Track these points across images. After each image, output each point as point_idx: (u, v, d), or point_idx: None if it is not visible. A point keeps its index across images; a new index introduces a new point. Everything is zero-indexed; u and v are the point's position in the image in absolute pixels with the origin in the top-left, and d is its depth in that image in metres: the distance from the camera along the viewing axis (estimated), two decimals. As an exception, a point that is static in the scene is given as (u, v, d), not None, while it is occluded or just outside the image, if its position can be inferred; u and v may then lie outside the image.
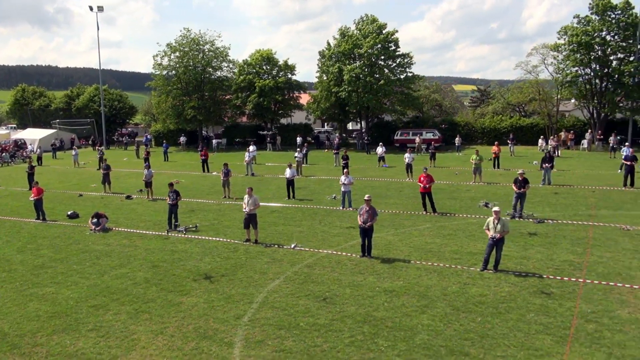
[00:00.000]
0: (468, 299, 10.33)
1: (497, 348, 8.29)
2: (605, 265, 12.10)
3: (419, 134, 42.41)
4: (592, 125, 40.66)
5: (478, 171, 25.14)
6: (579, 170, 28.64)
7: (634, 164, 22.19)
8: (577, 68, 39.28)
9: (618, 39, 38.85)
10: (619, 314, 9.41)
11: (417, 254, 13.58)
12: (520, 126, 43.93)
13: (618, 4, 38.48)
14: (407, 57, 46.41)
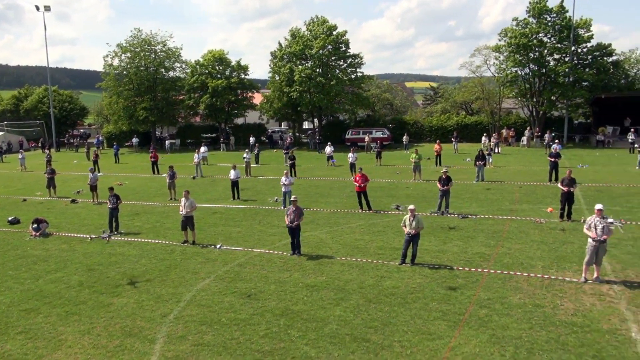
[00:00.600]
0: (381, 291, 11.23)
1: (396, 334, 9.18)
2: (511, 256, 13.25)
3: (368, 132, 43.57)
4: (531, 122, 42.77)
5: (417, 169, 26.31)
6: (514, 167, 30.30)
7: (557, 160, 23.77)
8: (517, 68, 41.22)
9: (554, 40, 41.01)
10: (510, 299, 10.48)
11: (345, 250, 14.44)
12: (465, 124, 45.72)
13: (553, 7, 40.59)
14: (357, 58, 47.53)
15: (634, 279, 11.31)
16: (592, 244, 11.10)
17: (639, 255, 12.84)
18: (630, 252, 13.18)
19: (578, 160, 32.10)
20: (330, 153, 34.47)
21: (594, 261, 11.23)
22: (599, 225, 11.10)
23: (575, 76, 39.60)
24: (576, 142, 42.17)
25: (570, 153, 36.07)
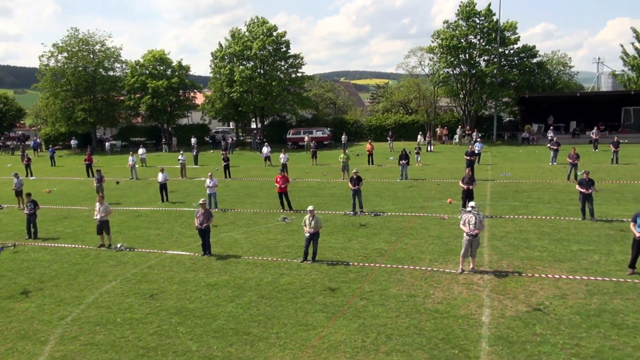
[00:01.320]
0: (276, 287, 12.00)
1: (276, 326, 9.97)
2: (405, 251, 14.31)
3: (308, 132, 44.45)
4: (464, 121, 44.74)
5: (346, 169, 27.32)
6: (440, 165, 31.82)
7: (473, 159, 25.28)
8: (448, 69, 43.04)
9: (483, 42, 43.04)
10: (390, 291, 11.46)
11: (254, 250, 15.15)
12: (403, 123, 47.32)
13: (481, 10, 42.57)
14: (297, 58, 48.31)
15: (505, 269, 12.52)
16: (467, 238, 12.24)
17: (518, 247, 14.14)
18: (512, 244, 14.48)
19: (501, 158, 34.03)
20: (267, 154, 35.09)
21: (469, 253, 12.38)
22: (472, 220, 12.25)
23: (502, 77, 41.73)
24: (505, 139, 44.42)
25: (496, 150, 38.11)
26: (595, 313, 9.83)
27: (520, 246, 14.23)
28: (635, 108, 41.45)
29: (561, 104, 42.89)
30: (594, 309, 10.03)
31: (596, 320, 9.51)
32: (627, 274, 11.69)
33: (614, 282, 11.34)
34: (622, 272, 11.82)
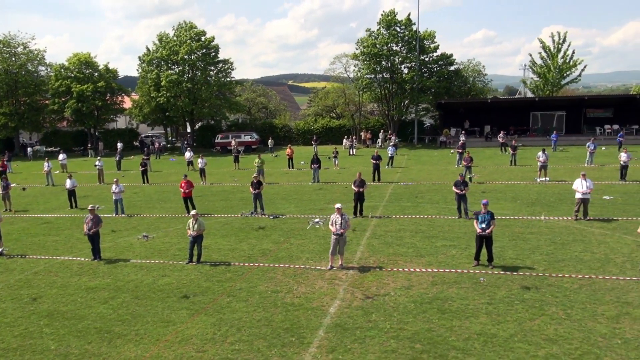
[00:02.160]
0: (152, 288, 12.64)
1: (139, 324, 10.63)
2: (287, 251, 15.26)
3: (236, 137, 45.00)
4: (387, 125, 46.60)
5: (261, 173, 28.12)
6: (356, 168, 33.03)
7: (378, 162, 26.70)
8: (371, 75, 44.75)
9: (404, 50, 45.03)
10: (258, 288, 12.34)
11: (146, 253, 15.69)
12: (330, 127, 48.70)
13: (402, 19, 44.55)
14: (227, 63, 48.76)
15: (370, 265, 13.69)
16: (334, 237, 13.32)
17: (390, 245, 15.39)
18: (386, 241, 15.74)
19: (415, 161, 35.88)
20: (189, 158, 35.38)
21: (337, 251, 13.47)
22: (338, 220, 13.35)
23: (422, 83, 43.84)
24: (426, 142, 46.61)
25: (413, 154, 40.01)
26: (428, 300, 11.08)
27: (393, 243, 15.50)
28: (541, 113, 44.59)
29: (476, 109, 45.48)
30: (429, 297, 11.29)
31: (426, 307, 10.76)
32: (472, 266, 13.11)
33: (458, 273, 12.72)
34: (470, 264, 13.24)
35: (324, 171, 31.64)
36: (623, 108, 43.38)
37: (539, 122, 44.59)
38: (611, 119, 43.09)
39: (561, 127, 44.38)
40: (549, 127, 43.36)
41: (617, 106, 43.80)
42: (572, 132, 43.71)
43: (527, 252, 14.14)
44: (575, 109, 44.08)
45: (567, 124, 44.32)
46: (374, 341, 9.44)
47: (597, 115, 43.78)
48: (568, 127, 44.26)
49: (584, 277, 12.10)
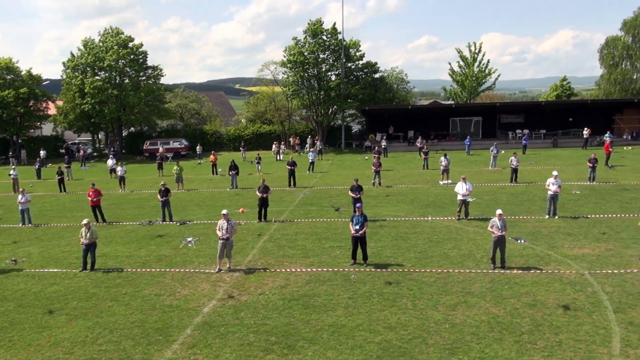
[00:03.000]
0: (38, 297, 12.95)
1: (15, 331, 10.98)
2: (184, 256, 15.87)
3: (164, 143, 44.91)
4: (317, 130, 47.84)
5: (180, 180, 28.49)
6: (279, 173, 34.00)
7: (293, 168, 27.70)
8: (298, 83, 45.86)
9: (331, 59, 46.44)
10: (143, 292, 12.92)
11: (42, 262, 15.88)
12: (261, 133, 49.44)
13: (328, 29, 45.94)
14: (156, 70, 48.56)
15: (257, 266, 14.54)
16: (220, 242, 14.09)
17: (282, 247, 16.30)
18: (280, 244, 16.66)
19: (337, 166, 37.19)
20: (112, 166, 35.14)
21: (225, 255, 14.25)
22: (224, 226, 14.14)
23: (347, 91, 45.38)
24: (353, 147, 48.19)
25: (338, 159, 41.39)
26: (297, 297, 12.05)
27: (285, 246, 16.44)
28: (460, 119, 47.17)
29: (401, 115, 47.48)
30: (299, 294, 12.27)
31: (293, 303, 11.72)
32: (349, 265, 14.23)
33: (333, 272, 13.78)
34: (348, 264, 14.34)
35: (246, 177, 32.40)
36: (532, 114, 46.58)
37: (458, 127, 47.13)
38: (522, 124, 46.13)
39: (478, 131, 47.11)
40: (466, 132, 45.90)
41: (527, 112, 46.96)
42: (488, 136, 46.47)
43: (403, 250, 15.44)
44: (490, 115, 46.91)
45: (484, 128, 47.09)
46: (234, 336, 10.28)
47: (510, 120, 46.76)
48: (484, 132, 47.04)
49: (442, 271, 13.46)
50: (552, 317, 10.45)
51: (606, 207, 20.00)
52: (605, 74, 54.80)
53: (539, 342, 9.43)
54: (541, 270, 13.18)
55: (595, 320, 10.21)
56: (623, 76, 52.90)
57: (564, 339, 9.53)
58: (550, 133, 44.66)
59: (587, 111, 45.41)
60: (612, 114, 45.27)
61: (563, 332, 9.78)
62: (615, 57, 53.67)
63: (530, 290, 11.86)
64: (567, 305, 10.95)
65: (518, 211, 19.92)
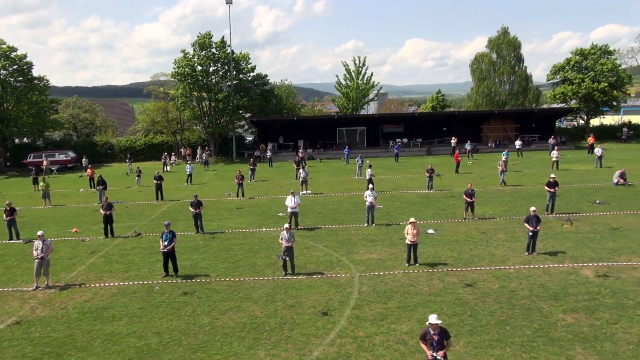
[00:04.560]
0: None
1: None
2: (11, 275, 16.67)
3: (49, 156, 44.20)
4: (209, 141, 48.87)
5: (46, 196, 28.67)
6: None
7: (160, 182, 28.75)
8: (188, 94, 46.69)
9: (221, 71, 47.68)
10: None
11: None
12: (153, 144, 49.77)
13: (216, 41, 47.15)
14: (42, 80, 47.58)
15: (76, 282, 15.64)
16: (36, 261, 15.08)
17: (110, 263, 17.47)
18: (110, 260, 17.80)
19: (220, 177, 38.51)
20: (-17, 182, 34.43)
21: (42, 273, 15.25)
22: (39, 246, 15.15)
23: (237, 102, 46.82)
24: (245, 157, 49.63)
25: (223, 169, 42.70)
26: (93, 310, 13.33)
27: (114, 261, 17.61)
28: (346, 128, 50.04)
29: (291, 126, 49.58)
30: (98, 307, 13.54)
31: (86, 316, 12.98)
32: (161, 276, 15.66)
33: (141, 284, 15.17)
34: (160, 276, 15.79)
35: (124, 190, 33.03)
36: (411, 124, 50.30)
37: (345, 137, 49.94)
38: (402, 133, 49.69)
39: (363, 141, 50.17)
40: (351, 141, 48.78)
41: (407, 122, 50.66)
42: (372, 145, 49.63)
43: (219, 261, 17.08)
44: (373, 125, 50.12)
45: (368, 138, 50.21)
46: (13, 349, 11.42)
47: (391, 130, 50.19)
48: (369, 141, 50.17)
49: (239, 279, 15.26)
50: (299, 316, 12.47)
51: (423, 214, 22.77)
52: (475, 86, 60.09)
53: (272, 338, 11.38)
54: (322, 275, 15.31)
55: (332, 317, 12.33)
56: (489, 89, 58.30)
57: (294, 334, 11.53)
58: (426, 141, 48.44)
59: (458, 121, 49.67)
60: (480, 124, 49.84)
61: (298, 328, 11.79)
62: (483, 71, 59.05)
63: (300, 294, 13.89)
64: (321, 305, 13.03)
65: (348, 220, 22.24)
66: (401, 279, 14.69)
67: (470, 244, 17.77)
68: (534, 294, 13.16)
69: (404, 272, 15.23)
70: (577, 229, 19.19)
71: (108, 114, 63.96)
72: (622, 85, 49.58)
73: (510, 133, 49.16)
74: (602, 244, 17.17)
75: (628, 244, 16.97)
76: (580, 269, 14.83)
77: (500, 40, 57.78)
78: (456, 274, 14.83)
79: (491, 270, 15.02)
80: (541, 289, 13.46)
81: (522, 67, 58.31)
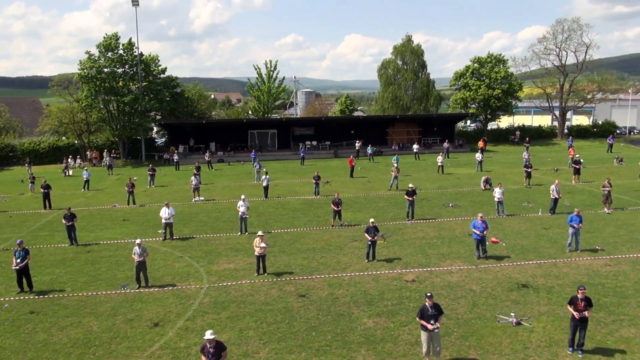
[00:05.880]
0: None
1: None
2: None
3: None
4: (118, 144, 48.30)
5: None
6: (54, 192, 34.44)
7: (48, 191, 28.56)
8: (92, 97, 45.87)
9: (130, 73, 47.20)
10: None
11: None
12: (58, 146, 48.60)
13: (123, 43, 46.62)
14: None
15: None
16: None
17: None
18: None
19: (123, 182, 38.41)
20: None
21: None
22: None
23: (144, 105, 46.59)
24: (156, 159, 49.48)
25: (127, 172, 42.49)
26: None
27: None
28: (258, 131, 51.01)
29: (203, 128, 49.91)
30: (-63, 327, 13.89)
31: None
32: (16, 292, 16.07)
33: None
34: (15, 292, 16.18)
35: (17, 197, 32.47)
36: (321, 126, 51.99)
37: (256, 139, 50.88)
38: (312, 136, 51.28)
39: (274, 143, 51.35)
40: (262, 144, 49.81)
41: (316, 125, 52.30)
42: (283, 147, 50.89)
43: (81, 275, 17.60)
44: (284, 128, 51.38)
45: (279, 140, 51.43)
46: None
47: (302, 132, 51.66)
48: (280, 143, 51.40)
49: (91, 294, 15.93)
50: (133, 329, 13.37)
51: (299, 222, 24.18)
52: (381, 91, 62.85)
53: (97, 352, 12.21)
54: (173, 287, 16.29)
55: (162, 329, 13.34)
56: (394, 94, 61.19)
57: (120, 347, 12.44)
58: (334, 144, 50.28)
59: (366, 125, 51.88)
60: (386, 127, 52.28)
61: (126, 342, 12.70)
62: (389, 76, 61.83)
63: (143, 307, 14.79)
64: (159, 318, 14.00)
65: (224, 229, 23.28)
66: (245, 288, 15.93)
67: (324, 252, 19.31)
68: (354, 300, 14.78)
69: (251, 282, 16.49)
70: (425, 234, 21.25)
71: (16, 112, 61.50)
72: (514, 92, 53.54)
73: (414, 136, 51.91)
74: (438, 249, 19.22)
75: (458, 249, 19.10)
76: (405, 275, 16.67)
77: (404, 48, 60.67)
78: (295, 283, 16.26)
79: (329, 278, 16.57)
80: (362, 295, 15.12)
81: (425, 73, 61.59)
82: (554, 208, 23.86)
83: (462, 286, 15.58)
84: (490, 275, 16.47)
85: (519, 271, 16.73)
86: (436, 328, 10.84)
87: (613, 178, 28.49)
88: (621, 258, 17.76)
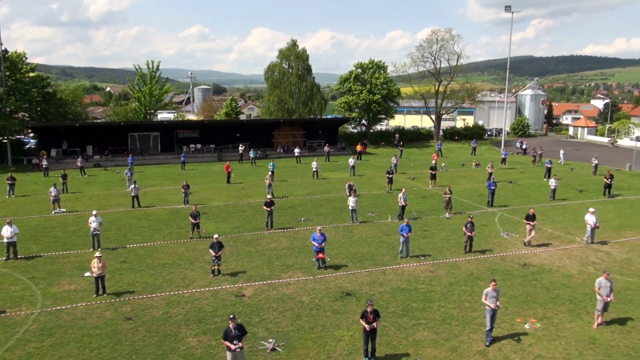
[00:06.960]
0: None
1: None
2: None
3: None
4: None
5: None
6: None
7: None
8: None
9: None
10: None
11: None
12: None
13: (-16, 40, 43.06)
14: None
15: None
16: None
17: None
18: None
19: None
20: None
21: None
22: None
23: (9, 106, 43.48)
24: (25, 164, 46.42)
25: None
26: None
27: None
28: (139, 134, 49.59)
29: (79, 131, 47.52)
30: None
31: None
32: None
33: None
34: None
35: None
36: (206, 129, 51.70)
37: (137, 142, 49.44)
38: (198, 138, 50.83)
39: (157, 146, 50.22)
40: (144, 147, 48.51)
41: (201, 129, 51.93)
42: (166, 150, 49.93)
43: None
44: (167, 131, 50.41)
45: (162, 143, 50.39)
46: None
47: (186, 135, 51.03)
48: (163, 146, 50.38)
49: None
50: (-58, 364, 12.90)
51: (158, 235, 24.15)
52: (267, 94, 63.83)
53: None
54: (2, 313, 15.77)
55: (-24, 362, 12.99)
56: (280, 97, 62.43)
57: None
58: (219, 147, 50.22)
59: (252, 128, 52.35)
60: (272, 130, 53.13)
61: None
62: (276, 80, 62.90)
63: (-39, 338, 14.24)
64: (-24, 349, 13.57)
65: (79, 244, 22.65)
66: (78, 312, 15.81)
67: (174, 267, 19.58)
68: (186, 318, 15.28)
69: (87, 304, 16.38)
70: (278, 244, 22.23)
71: None
72: (393, 97, 56.71)
73: (299, 139, 53.24)
74: (284, 260, 20.25)
75: (303, 260, 20.26)
76: (245, 289, 17.45)
77: (289, 52, 61.90)
78: (133, 303, 16.40)
79: (169, 296, 16.90)
80: (196, 312, 15.66)
81: (310, 77, 63.29)
82: (401, 214, 25.92)
83: (294, 298, 16.65)
84: (324, 285, 17.73)
85: (350, 280, 18.17)
86: (238, 348, 11.66)
87: (465, 182, 31.50)
88: (441, 263, 19.87)
